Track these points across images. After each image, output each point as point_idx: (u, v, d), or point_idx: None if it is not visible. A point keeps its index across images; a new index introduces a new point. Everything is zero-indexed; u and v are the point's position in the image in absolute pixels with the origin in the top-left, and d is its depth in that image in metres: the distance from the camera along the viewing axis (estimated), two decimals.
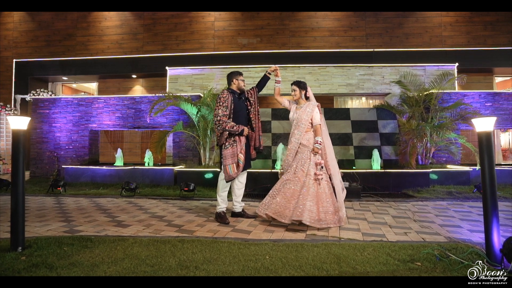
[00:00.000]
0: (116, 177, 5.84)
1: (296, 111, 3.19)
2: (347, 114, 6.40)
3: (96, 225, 2.99)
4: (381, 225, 3.00)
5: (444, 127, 5.00)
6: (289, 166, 3.10)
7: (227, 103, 3.09)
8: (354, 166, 5.80)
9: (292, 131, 3.16)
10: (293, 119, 3.19)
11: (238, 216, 3.33)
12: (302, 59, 8.19)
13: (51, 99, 6.76)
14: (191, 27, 9.48)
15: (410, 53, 8.23)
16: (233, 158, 3.07)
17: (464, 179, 5.27)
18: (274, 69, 3.35)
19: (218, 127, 3.08)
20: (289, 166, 3.10)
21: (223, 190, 3.19)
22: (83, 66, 9.47)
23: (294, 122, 3.16)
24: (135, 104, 6.59)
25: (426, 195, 4.55)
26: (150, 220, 3.23)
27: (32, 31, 9.94)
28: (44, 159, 6.64)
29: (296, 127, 3.12)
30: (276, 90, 3.37)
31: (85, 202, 4.30)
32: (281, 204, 2.92)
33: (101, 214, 3.52)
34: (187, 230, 2.82)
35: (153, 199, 4.53)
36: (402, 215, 3.44)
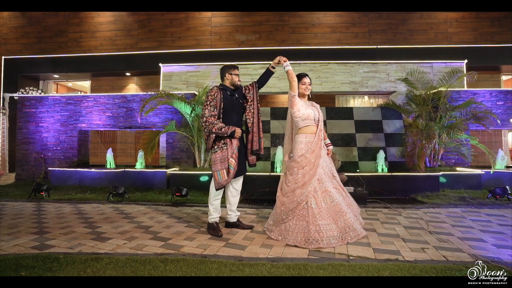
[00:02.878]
0: (106, 180, 5.50)
1: (312, 108, 2.80)
2: (350, 113, 6.07)
3: (72, 239, 2.65)
4: (393, 238, 2.67)
5: (455, 127, 4.66)
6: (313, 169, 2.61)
7: (215, 102, 2.73)
8: (357, 169, 5.47)
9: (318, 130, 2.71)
10: (311, 115, 2.72)
11: (232, 227, 2.99)
12: (303, 56, 7.85)
13: (38, 97, 6.41)
14: (187, 23, 9.13)
15: (415, 50, 7.89)
16: (223, 164, 2.73)
17: (476, 183, 4.94)
18: (279, 61, 2.84)
19: (205, 129, 2.73)
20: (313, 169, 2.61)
21: (215, 198, 2.85)
22: (75, 63, 9.10)
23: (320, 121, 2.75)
24: (127, 102, 6.24)
25: (437, 200, 4.22)
26: (134, 231, 2.88)
27: (22, 27, 9.58)
28: (31, 161, 6.29)
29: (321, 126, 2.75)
30: (290, 72, 2.69)
31: (67, 209, 3.96)
32: (328, 228, 2.49)
33: (82, 224, 3.18)
34: (174, 245, 2.48)
35: (142, 205, 4.19)
36: (414, 225, 3.10)
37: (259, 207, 3.99)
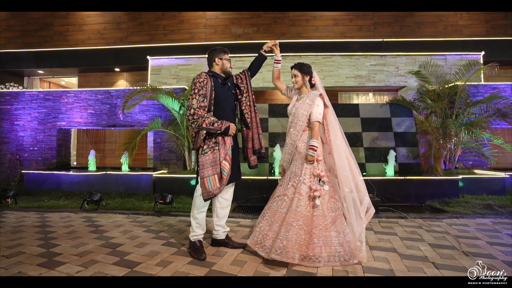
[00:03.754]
0: (85, 184, 4.94)
1: (295, 103, 2.38)
2: (356, 110, 5.52)
3: (15, 264, 2.09)
4: (420, 261, 2.11)
5: (477, 125, 4.11)
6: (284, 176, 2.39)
7: (204, 90, 2.18)
8: (365, 172, 4.92)
9: (288, 129, 2.37)
10: (290, 113, 2.40)
11: (220, 245, 2.43)
12: (303, 49, 7.30)
13: (13, 93, 5.85)
14: (181, 16, 8.56)
15: (423, 43, 7.34)
16: (214, 168, 2.18)
17: (499, 188, 4.40)
18: (272, 45, 2.47)
19: (192, 124, 2.16)
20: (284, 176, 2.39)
21: (199, 210, 2.29)
22: (61, 58, 8.52)
23: (290, 117, 2.38)
24: (110, 98, 5.68)
25: (459, 209, 3.67)
26: (97, 252, 2.32)
27: (6, 20, 9.00)
28: (5, 163, 5.72)
29: (291, 124, 2.33)
30: (276, 72, 2.54)
31: (31, 219, 3.39)
32: (262, 231, 2.23)
33: (38, 240, 2.62)
34: (140, 274, 1.93)
35: (120, 214, 3.63)
36: (442, 242, 2.55)
37: (254, 216, 3.44)
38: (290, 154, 2.35)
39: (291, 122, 2.35)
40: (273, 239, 2.09)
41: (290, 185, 2.25)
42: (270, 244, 2.08)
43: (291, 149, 2.33)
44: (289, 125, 2.37)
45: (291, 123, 2.35)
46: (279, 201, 2.26)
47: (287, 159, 2.38)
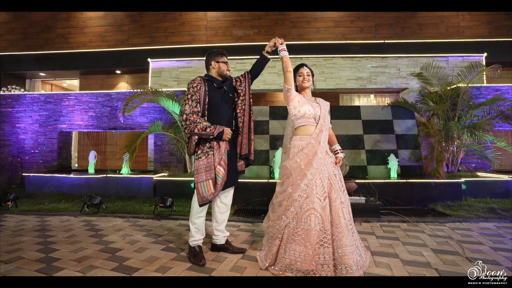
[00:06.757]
0: (86, 187, 4.94)
1: (312, 104, 2.21)
2: (358, 112, 5.49)
3: (13, 269, 2.07)
4: (423, 267, 2.08)
5: (480, 127, 4.07)
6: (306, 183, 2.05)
7: (198, 95, 2.16)
8: (366, 175, 4.89)
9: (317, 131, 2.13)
10: (308, 113, 2.16)
11: (220, 250, 2.41)
12: (304, 50, 7.29)
13: (15, 95, 5.86)
14: (182, 18, 8.58)
15: (424, 45, 7.30)
16: (209, 173, 2.15)
17: (502, 191, 4.36)
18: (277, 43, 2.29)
19: (185, 129, 2.15)
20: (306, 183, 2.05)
21: (197, 215, 2.27)
22: (63, 60, 8.55)
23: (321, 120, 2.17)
24: (111, 101, 5.68)
25: (462, 212, 3.63)
26: (96, 257, 2.31)
27: (7, 23, 9.05)
28: (6, 166, 5.73)
29: (323, 126, 2.16)
30: (285, 59, 2.22)
31: (31, 222, 3.39)
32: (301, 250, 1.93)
33: (37, 245, 2.60)
34: (138, 281, 1.90)
35: (120, 218, 3.62)
36: (445, 247, 2.52)
37: (255, 220, 3.41)
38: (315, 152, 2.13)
39: (322, 125, 2.15)
40: None
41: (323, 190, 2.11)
42: None
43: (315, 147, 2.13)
44: (319, 127, 2.13)
45: (322, 125, 2.15)
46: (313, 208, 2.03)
47: (318, 163, 2.15)
